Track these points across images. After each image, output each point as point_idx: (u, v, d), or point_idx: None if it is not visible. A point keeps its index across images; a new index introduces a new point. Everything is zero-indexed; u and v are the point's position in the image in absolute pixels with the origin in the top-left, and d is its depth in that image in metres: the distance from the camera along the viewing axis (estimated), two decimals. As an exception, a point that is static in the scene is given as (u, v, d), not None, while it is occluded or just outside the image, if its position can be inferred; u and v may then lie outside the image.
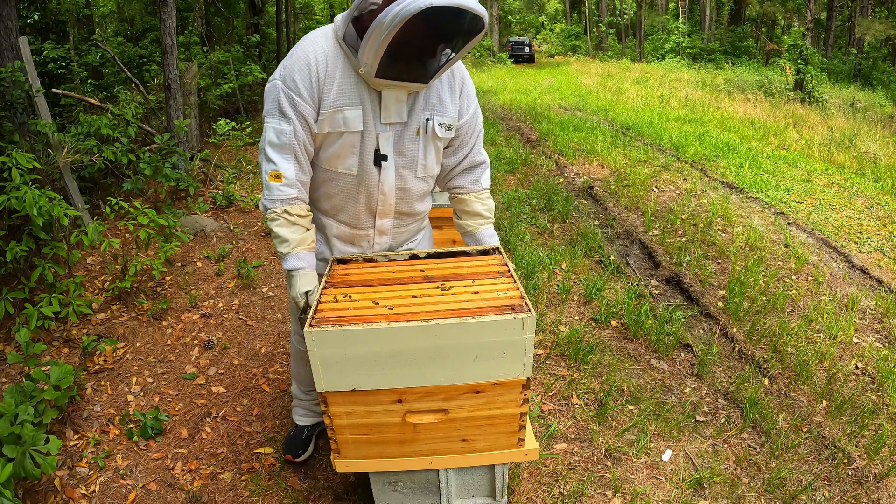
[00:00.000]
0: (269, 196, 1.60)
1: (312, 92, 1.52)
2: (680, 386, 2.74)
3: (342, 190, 1.67)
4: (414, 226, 1.86)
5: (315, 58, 1.51)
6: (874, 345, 3.11)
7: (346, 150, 1.60)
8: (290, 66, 1.52)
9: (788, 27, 27.71)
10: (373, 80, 1.48)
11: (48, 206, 2.73)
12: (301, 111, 1.53)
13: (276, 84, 1.54)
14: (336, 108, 1.54)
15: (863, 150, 8.09)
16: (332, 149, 1.60)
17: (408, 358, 1.38)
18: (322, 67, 1.51)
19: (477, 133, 1.81)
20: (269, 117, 1.56)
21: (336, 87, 1.53)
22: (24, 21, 6.13)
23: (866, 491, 2.14)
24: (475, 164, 1.84)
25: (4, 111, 3.81)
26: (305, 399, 2.21)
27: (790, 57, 14.65)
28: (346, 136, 1.57)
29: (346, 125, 1.55)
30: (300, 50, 1.54)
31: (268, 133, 1.57)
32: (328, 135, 1.58)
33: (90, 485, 2.16)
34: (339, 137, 1.57)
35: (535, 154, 7.15)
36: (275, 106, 1.54)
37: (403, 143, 1.64)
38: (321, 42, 1.53)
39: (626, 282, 3.75)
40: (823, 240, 4.52)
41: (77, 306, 2.98)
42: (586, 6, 33.77)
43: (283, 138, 1.55)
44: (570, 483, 2.14)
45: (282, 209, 1.60)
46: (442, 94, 1.65)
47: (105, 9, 11.61)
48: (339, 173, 1.64)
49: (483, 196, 1.89)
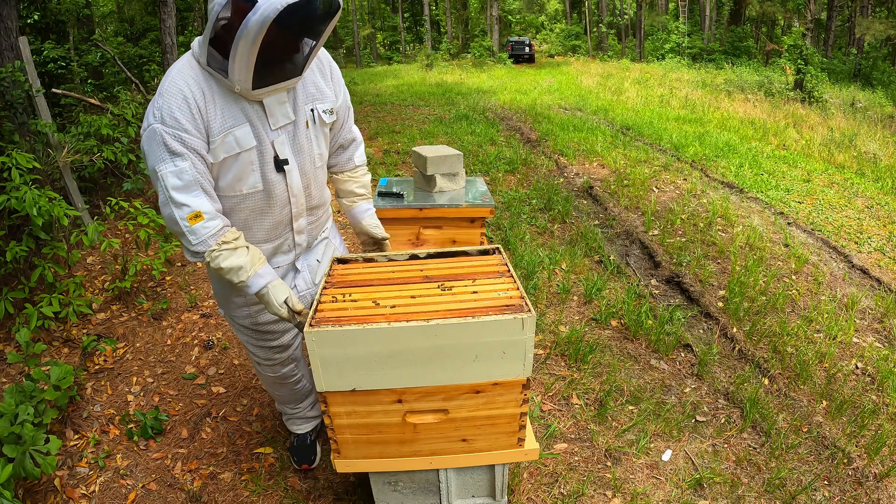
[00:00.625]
0: (199, 239, 1.50)
1: (197, 124, 1.44)
2: (680, 386, 2.74)
3: (252, 210, 1.62)
4: (324, 215, 1.88)
5: (189, 89, 1.43)
6: (874, 345, 3.11)
7: (245, 169, 1.54)
8: (164, 105, 1.42)
9: (788, 27, 27.71)
10: (251, 93, 1.45)
11: (48, 206, 2.73)
12: (192, 146, 1.44)
13: (154, 129, 1.41)
14: (225, 132, 1.48)
15: (863, 150, 8.09)
16: (230, 174, 1.54)
17: (408, 358, 1.38)
18: (199, 97, 1.44)
19: (348, 112, 1.83)
20: (160, 164, 1.43)
21: (219, 111, 1.47)
22: (24, 21, 6.13)
23: (866, 491, 2.14)
24: (347, 143, 1.87)
25: (4, 111, 3.81)
26: (295, 411, 2.20)
27: (790, 57, 14.65)
28: (242, 155, 1.52)
29: (239, 145, 1.50)
30: (170, 86, 1.43)
31: (166, 181, 1.43)
32: (223, 161, 1.51)
33: (90, 485, 2.16)
34: (235, 160, 1.51)
35: (535, 154, 7.15)
36: (161, 150, 1.42)
37: (298, 141, 1.62)
38: (188, 72, 1.46)
39: (626, 282, 3.75)
40: (823, 240, 4.52)
41: (77, 306, 2.98)
42: (586, 6, 33.78)
43: (186, 177, 1.45)
44: (570, 483, 2.14)
45: (218, 242, 1.52)
46: (317, 82, 1.66)
47: (105, 9, 11.62)
48: (244, 195, 1.58)
49: (357, 174, 1.93)
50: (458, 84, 16.20)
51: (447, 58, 27.67)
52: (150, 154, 1.45)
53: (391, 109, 10.74)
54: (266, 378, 2.07)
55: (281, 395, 2.13)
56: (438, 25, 36.44)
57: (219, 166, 1.51)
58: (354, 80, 15.42)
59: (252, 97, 1.48)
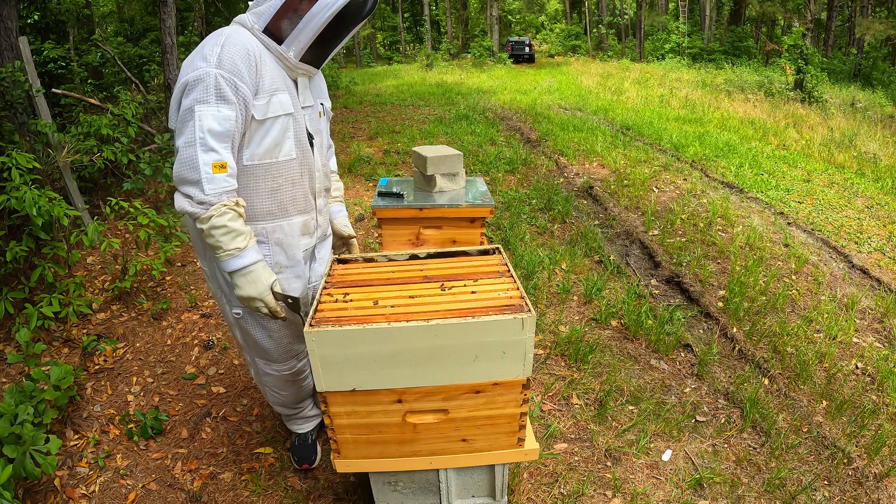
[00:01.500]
0: (215, 189, 1.47)
1: (254, 77, 1.52)
2: (680, 386, 2.74)
3: (286, 178, 1.67)
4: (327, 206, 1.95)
5: (252, 46, 1.53)
6: (874, 345, 3.11)
7: (282, 135, 1.62)
8: (226, 54, 1.48)
9: (788, 27, 27.71)
10: (296, 64, 1.60)
11: (48, 206, 2.73)
12: (244, 96, 1.50)
13: (208, 72, 1.45)
14: (273, 92, 1.57)
15: (863, 150, 8.09)
16: (269, 137, 1.59)
17: (408, 358, 1.38)
18: (258, 55, 1.54)
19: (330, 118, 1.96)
20: (201, 105, 1.44)
21: (269, 73, 1.57)
22: (24, 21, 6.13)
23: (866, 491, 2.14)
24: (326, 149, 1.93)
25: (4, 111, 3.81)
26: (296, 411, 2.17)
27: (790, 57, 14.64)
28: (282, 119, 1.60)
29: (282, 107, 1.59)
30: (234, 40, 1.51)
31: (204, 120, 1.44)
32: (264, 123, 1.57)
33: (90, 485, 2.16)
34: (274, 123, 1.59)
35: (535, 154, 7.14)
36: (211, 92, 1.45)
37: (316, 125, 1.77)
38: (246, 35, 1.56)
39: (626, 282, 3.75)
40: (823, 240, 4.52)
41: (77, 306, 2.98)
42: (586, 6, 33.77)
43: (227, 125, 1.48)
44: (570, 483, 2.14)
45: (233, 201, 1.51)
46: (319, 84, 1.84)
47: (105, 9, 11.62)
48: (280, 162, 1.64)
49: (333, 178, 2.03)
50: (458, 84, 16.20)
51: (447, 58, 27.67)
52: (192, 92, 1.45)
53: (391, 109, 10.74)
54: (276, 379, 1.99)
55: (286, 395, 2.07)
56: (438, 25, 36.44)
57: (259, 127, 1.57)
58: (354, 80, 15.41)
59: (293, 69, 1.62)
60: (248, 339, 1.88)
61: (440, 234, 2.37)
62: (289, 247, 1.74)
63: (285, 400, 2.09)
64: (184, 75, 1.49)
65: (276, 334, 1.85)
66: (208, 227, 1.49)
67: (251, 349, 1.92)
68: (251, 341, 1.88)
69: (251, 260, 1.55)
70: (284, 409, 2.15)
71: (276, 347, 1.88)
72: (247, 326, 1.83)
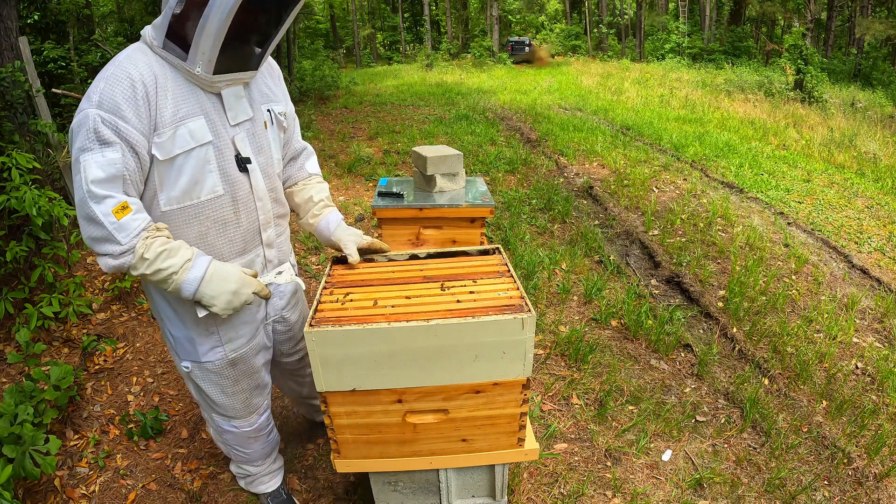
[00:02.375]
0: (127, 233, 1.28)
1: (140, 114, 1.28)
2: (680, 386, 2.74)
3: (214, 221, 1.44)
4: (288, 230, 1.72)
5: (139, 75, 1.29)
6: (874, 345, 3.11)
7: (201, 170, 1.38)
8: (105, 90, 1.26)
9: (788, 27, 27.72)
10: (210, 79, 1.34)
11: (48, 206, 2.73)
12: (128, 138, 1.26)
13: (87, 113, 1.25)
14: (177, 123, 1.33)
15: (863, 150, 8.09)
16: (185, 176, 1.36)
17: (408, 358, 1.38)
18: (150, 81, 1.29)
19: (295, 121, 1.73)
20: (84, 154, 1.25)
21: (171, 99, 1.32)
22: (24, 21, 6.13)
23: (866, 491, 2.14)
24: (298, 153, 1.76)
25: (4, 111, 3.81)
26: (260, 468, 1.95)
27: (790, 57, 14.64)
28: (197, 151, 1.36)
29: (193, 138, 1.35)
30: (116, 71, 1.28)
31: (88, 171, 1.24)
32: (175, 160, 1.34)
33: (90, 485, 2.16)
34: (188, 157, 1.35)
35: (535, 154, 7.14)
36: (90, 138, 1.24)
37: (258, 140, 1.51)
38: (140, 57, 1.32)
39: (626, 282, 3.75)
40: (823, 240, 4.52)
41: (77, 306, 2.98)
42: (586, 6, 33.77)
43: (112, 169, 1.26)
44: (570, 483, 2.14)
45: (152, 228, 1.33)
46: (268, 82, 1.57)
47: (105, 9, 11.63)
48: (202, 202, 1.41)
49: (312, 181, 1.77)
50: (458, 84, 16.19)
51: (447, 58, 27.66)
52: (76, 141, 1.27)
53: (391, 109, 10.74)
54: (238, 437, 1.79)
55: (252, 451, 1.85)
56: (438, 25, 36.44)
57: (169, 166, 1.34)
58: (354, 80, 15.41)
59: (209, 85, 1.37)
60: (202, 395, 1.69)
61: (440, 234, 2.37)
62: None
63: (252, 456, 1.88)
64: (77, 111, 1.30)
65: (230, 389, 1.67)
66: (146, 266, 1.32)
67: (207, 405, 1.73)
68: (205, 397, 1.69)
69: (206, 262, 1.39)
70: (251, 466, 1.92)
71: (232, 403, 1.70)
72: (198, 381, 1.64)
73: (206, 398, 1.69)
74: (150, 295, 1.57)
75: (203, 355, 1.59)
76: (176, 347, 1.60)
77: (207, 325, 1.54)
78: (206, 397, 1.69)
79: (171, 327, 1.57)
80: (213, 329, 1.56)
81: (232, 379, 1.65)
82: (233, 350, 1.61)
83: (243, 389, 1.70)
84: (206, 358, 1.59)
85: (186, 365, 1.61)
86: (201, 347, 1.57)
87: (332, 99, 12.09)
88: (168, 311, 1.55)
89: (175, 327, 1.56)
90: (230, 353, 1.61)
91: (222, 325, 1.56)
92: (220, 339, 1.58)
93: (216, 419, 1.76)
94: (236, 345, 1.61)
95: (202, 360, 1.59)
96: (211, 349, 1.58)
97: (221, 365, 1.61)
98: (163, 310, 1.56)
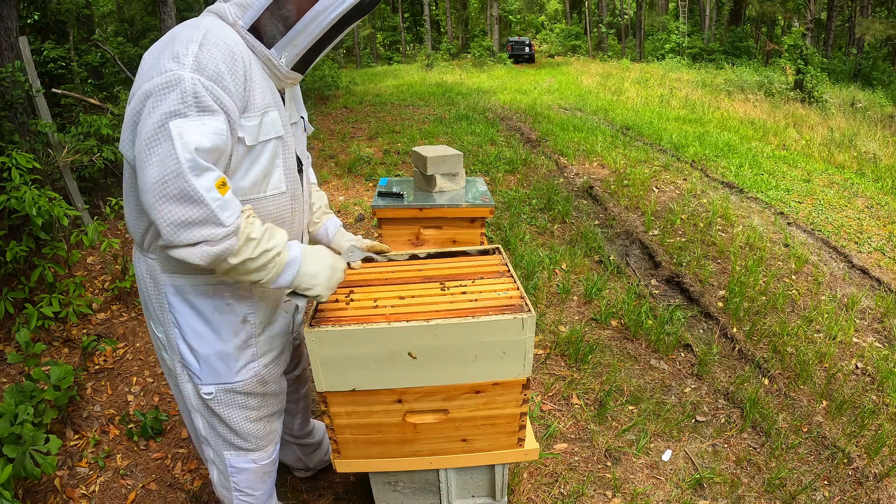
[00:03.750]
0: (231, 212, 1.14)
1: (241, 90, 1.19)
2: (680, 386, 2.74)
3: (275, 218, 1.36)
4: None
5: (240, 51, 1.19)
6: (874, 345, 3.11)
7: (272, 163, 1.31)
8: (204, 56, 1.12)
9: (788, 27, 27.72)
10: (285, 73, 1.29)
11: (48, 206, 2.73)
12: (228, 110, 1.15)
13: (182, 76, 1.09)
14: (264, 109, 1.26)
15: (863, 150, 8.10)
16: (257, 167, 1.27)
17: (408, 358, 1.38)
18: (247, 62, 1.20)
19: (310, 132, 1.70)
20: (177, 119, 1.08)
21: (259, 85, 1.25)
22: (24, 21, 6.13)
23: (866, 491, 2.14)
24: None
25: (4, 111, 3.81)
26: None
27: (790, 57, 14.64)
28: (273, 143, 1.30)
29: (273, 129, 1.29)
30: (216, 38, 1.16)
31: (189, 138, 1.07)
32: (252, 148, 1.25)
33: (90, 485, 2.16)
34: (264, 147, 1.27)
35: (535, 154, 7.14)
36: (187, 102, 1.09)
37: (303, 146, 1.49)
38: (229, 32, 1.21)
39: (626, 282, 3.75)
40: (823, 240, 4.52)
41: (77, 306, 2.98)
42: (586, 6, 33.77)
43: (219, 140, 1.13)
44: (570, 483, 2.14)
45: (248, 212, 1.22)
46: (297, 90, 1.52)
47: (105, 9, 11.62)
48: (268, 198, 1.32)
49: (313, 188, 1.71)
50: (458, 84, 16.20)
51: (447, 58, 27.68)
52: (162, 103, 1.08)
53: (391, 109, 10.74)
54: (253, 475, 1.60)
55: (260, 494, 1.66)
56: (438, 25, 36.44)
57: (247, 154, 1.25)
58: (354, 80, 15.41)
59: (285, 78, 1.31)
60: (218, 428, 1.50)
61: (440, 234, 2.38)
62: (273, 299, 1.46)
63: (259, 499, 1.67)
64: (145, 80, 1.12)
65: (255, 413, 1.50)
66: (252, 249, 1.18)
67: (221, 442, 1.53)
68: (223, 430, 1.50)
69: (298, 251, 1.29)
70: None
71: (256, 431, 1.53)
72: (221, 409, 1.45)
73: (224, 430, 1.50)
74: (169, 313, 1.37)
75: (236, 374, 1.43)
76: (199, 372, 1.41)
77: (247, 336, 1.42)
78: (225, 429, 1.50)
79: (199, 346, 1.38)
80: (252, 341, 1.43)
81: (259, 400, 1.50)
82: (265, 365, 1.48)
83: (267, 414, 1.55)
84: (239, 377, 1.43)
85: (209, 391, 1.42)
86: (236, 364, 1.42)
87: (332, 99, 12.09)
88: (198, 325, 1.37)
89: (204, 345, 1.38)
90: (262, 368, 1.47)
91: (261, 336, 1.45)
92: (256, 352, 1.45)
93: (229, 459, 1.55)
94: (269, 359, 1.49)
95: (234, 381, 1.43)
96: (245, 365, 1.44)
97: (253, 384, 1.46)
98: (188, 326, 1.37)
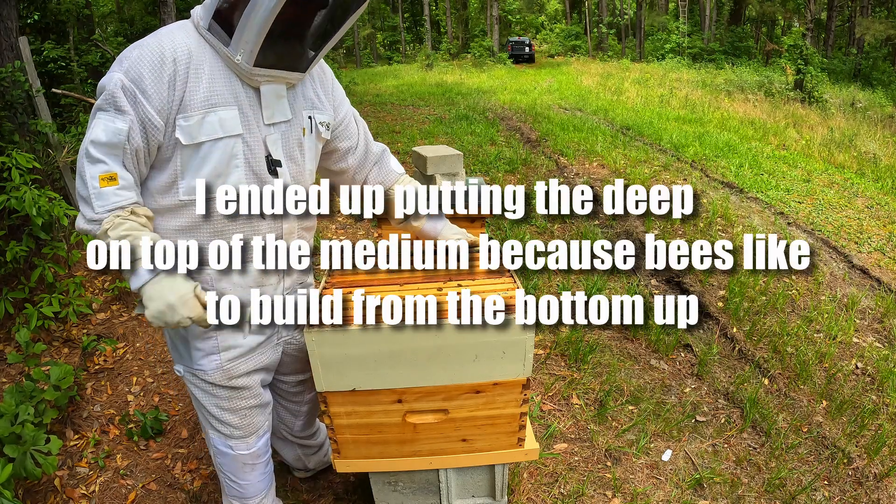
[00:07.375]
0: (103, 204, 1.24)
1: (162, 93, 1.24)
2: (680, 386, 2.74)
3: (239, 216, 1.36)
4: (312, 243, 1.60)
5: (173, 53, 1.25)
6: (874, 345, 3.11)
7: (227, 163, 1.31)
8: (135, 58, 1.24)
9: (788, 27, 27.73)
10: (249, 70, 1.28)
11: (48, 206, 2.73)
12: (141, 113, 1.24)
13: (114, 77, 1.24)
14: (209, 108, 1.27)
15: (863, 150, 8.10)
16: (208, 166, 1.29)
17: (408, 358, 1.38)
18: (184, 63, 1.25)
19: (362, 124, 1.66)
20: (99, 112, 1.25)
21: (205, 83, 1.27)
22: (24, 21, 6.13)
23: (866, 491, 2.14)
24: (377, 157, 1.68)
25: (4, 111, 3.81)
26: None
27: (790, 57, 14.65)
28: (225, 142, 1.30)
29: (222, 128, 1.29)
30: (152, 43, 1.26)
31: (95, 129, 1.24)
32: (200, 147, 1.28)
33: (90, 485, 2.16)
34: (213, 147, 1.29)
35: (535, 154, 7.14)
36: (109, 100, 1.24)
37: (291, 146, 1.42)
38: (180, 35, 1.28)
39: (625, 282, 3.75)
40: (823, 240, 4.52)
41: (77, 306, 2.98)
42: (586, 6, 33.77)
43: (116, 138, 1.23)
44: (570, 483, 2.14)
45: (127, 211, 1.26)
46: (316, 90, 1.49)
47: (105, 9, 11.63)
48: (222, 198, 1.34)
49: (404, 181, 1.69)
50: (458, 84, 16.20)
51: (447, 58, 27.69)
52: (98, 98, 1.26)
53: (391, 109, 10.74)
54: (233, 462, 1.60)
55: (247, 485, 1.65)
56: (438, 25, 36.44)
57: (194, 153, 1.29)
58: (354, 80, 15.42)
59: (249, 78, 1.30)
60: (198, 403, 1.55)
61: (440, 234, 2.37)
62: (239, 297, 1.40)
63: (248, 491, 1.66)
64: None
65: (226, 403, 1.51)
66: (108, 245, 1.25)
67: (204, 417, 1.57)
68: (202, 406, 1.55)
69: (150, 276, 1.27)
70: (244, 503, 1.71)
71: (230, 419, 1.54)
72: (192, 389, 1.52)
73: (202, 407, 1.55)
74: None
75: (197, 361, 1.45)
76: (170, 349, 1.52)
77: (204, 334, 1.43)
78: (202, 407, 1.55)
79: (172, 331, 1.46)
80: (211, 333, 1.43)
81: (228, 392, 1.51)
82: (229, 360, 1.46)
83: (243, 407, 1.54)
84: (200, 365, 1.45)
85: (178, 369, 1.51)
86: (196, 352, 1.45)
87: (332, 99, 12.07)
88: None
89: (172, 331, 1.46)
90: (226, 363, 1.46)
91: (224, 329, 1.43)
92: (217, 345, 1.44)
93: (212, 437, 1.59)
94: (233, 354, 1.46)
95: (195, 367, 1.46)
96: (207, 356, 1.44)
97: (217, 375, 1.46)
98: None
